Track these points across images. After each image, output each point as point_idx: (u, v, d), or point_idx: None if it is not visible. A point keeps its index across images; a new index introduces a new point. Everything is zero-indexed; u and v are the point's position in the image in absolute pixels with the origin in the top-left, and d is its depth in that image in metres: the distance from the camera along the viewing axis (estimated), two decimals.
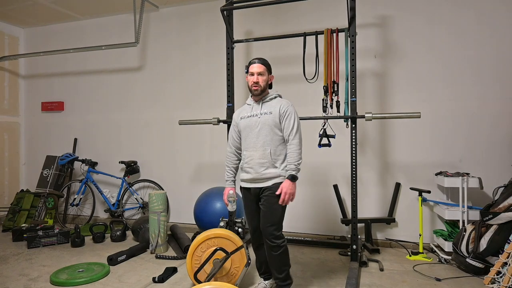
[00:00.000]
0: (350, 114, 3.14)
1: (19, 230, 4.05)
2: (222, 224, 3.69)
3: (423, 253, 3.39)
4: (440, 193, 3.65)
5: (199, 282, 2.50)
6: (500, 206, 2.91)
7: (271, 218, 2.36)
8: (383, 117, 3.13)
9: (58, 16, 5.02)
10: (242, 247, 2.55)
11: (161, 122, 4.74)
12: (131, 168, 4.69)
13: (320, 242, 3.76)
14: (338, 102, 3.23)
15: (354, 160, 3.11)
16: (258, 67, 2.45)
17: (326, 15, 4.00)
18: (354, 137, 3.10)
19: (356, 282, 2.66)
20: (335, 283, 2.79)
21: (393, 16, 3.79)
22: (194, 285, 2.49)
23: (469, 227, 3.04)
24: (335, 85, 3.22)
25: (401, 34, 3.76)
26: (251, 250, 3.07)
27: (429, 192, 3.42)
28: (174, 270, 3.04)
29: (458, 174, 3.33)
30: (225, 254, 2.52)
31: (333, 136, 3.27)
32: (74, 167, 5.08)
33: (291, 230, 4.06)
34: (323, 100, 3.27)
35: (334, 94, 3.24)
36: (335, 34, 3.25)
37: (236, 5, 3.42)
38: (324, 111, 3.26)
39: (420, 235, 3.42)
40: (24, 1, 4.48)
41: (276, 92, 2.57)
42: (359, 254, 3.17)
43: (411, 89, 3.73)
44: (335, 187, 3.85)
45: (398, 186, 3.74)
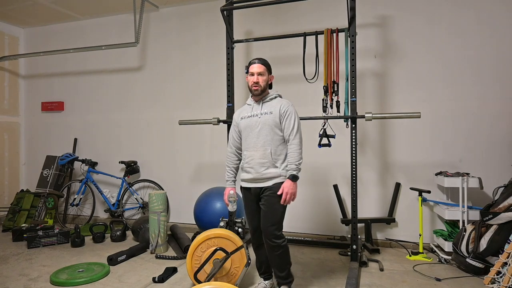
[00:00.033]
0: (350, 114, 3.14)
1: (19, 230, 4.05)
2: (222, 224, 3.69)
3: (423, 253, 3.39)
4: (440, 193, 3.66)
5: (199, 282, 2.50)
6: (500, 206, 2.91)
7: (272, 218, 2.36)
8: (383, 117, 3.14)
9: (58, 16, 5.02)
10: (242, 247, 2.55)
11: (161, 122, 4.74)
12: (131, 168, 4.69)
13: (320, 242, 3.76)
14: (338, 102, 3.23)
15: (354, 160, 3.11)
16: (258, 67, 2.45)
17: (326, 15, 4.00)
18: (354, 137, 3.11)
19: (356, 282, 2.66)
20: (335, 283, 2.79)
21: (393, 16, 3.79)
22: (194, 285, 2.49)
23: (469, 227, 3.04)
24: (335, 85, 3.22)
25: (401, 34, 3.76)
26: (251, 250, 3.06)
27: (429, 192, 3.42)
28: (174, 270, 3.04)
29: (458, 174, 3.33)
30: (225, 254, 2.52)
31: (333, 136, 3.27)
32: (74, 167, 5.08)
33: (291, 230, 4.06)
34: (323, 100, 3.27)
35: (334, 94, 3.24)
36: (335, 34, 3.26)
37: (236, 5, 3.42)
38: (324, 111, 3.26)
39: (420, 235, 3.42)
40: (24, 1, 4.48)
41: (276, 92, 2.57)
42: (359, 254, 3.17)
43: (411, 89, 3.73)
44: (335, 187, 3.85)
45: (398, 186, 3.74)
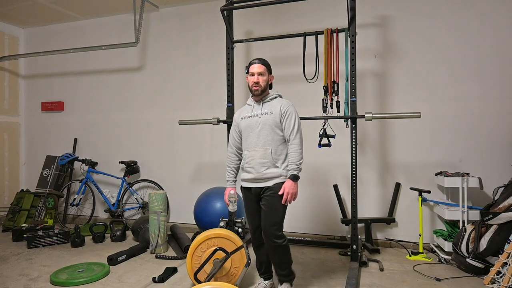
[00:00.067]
0: (350, 114, 3.14)
1: (19, 230, 4.05)
2: (222, 224, 3.69)
3: (423, 253, 3.39)
4: (440, 193, 3.65)
5: (199, 282, 2.50)
6: (500, 206, 2.91)
7: (273, 218, 2.36)
8: (383, 117, 3.14)
9: (58, 16, 5.02)
10: (242, 247, 2.55)
11: (161, 122, 4.74)
12: (131, 168, 4.69)
13: (320, 242, 3.76)
14: (338, 102, 3.23)
15: (354, 160, 3.11)
16: (258, 67, 2.45)
17: (326, 15, 4.00)
18: (354, 137, 3.10)
19: (356, 282, 2.66)
20: (335, 283, 2.79)
21: (393, 16, 3.79)
22: (194, 285, 2.49)
23: (469, 227, 3.04)
24: (335, 85, 3.22)
25: (401, 34, 3.76)
26: (251, 250, 3.06)
27: (429, 192, 3.42)
28: (174, 270, 3.04)
29: (458, 174, 3.33)
30: (225, 254, 2.52)
31: (333, 136, 3.27)
32: (74, 167, 5.08)
33: (291, 230, 4.06)
34: (323, 100, 3.27)
35: (334, 94, 3.24)
36: (335, 34, 3.25)
37: (236, 5, 3.42)
38: (324, 111, 3.26)
39: (420, 235, 3.42)
40: (24, 1, 4.48)
41: (277, 92, 2.57)
42: (359, 254, 3.17)
43: (411, 89, 3.73)
44: (335, 187, 3.85)
45: (398, 186, 3.74)
